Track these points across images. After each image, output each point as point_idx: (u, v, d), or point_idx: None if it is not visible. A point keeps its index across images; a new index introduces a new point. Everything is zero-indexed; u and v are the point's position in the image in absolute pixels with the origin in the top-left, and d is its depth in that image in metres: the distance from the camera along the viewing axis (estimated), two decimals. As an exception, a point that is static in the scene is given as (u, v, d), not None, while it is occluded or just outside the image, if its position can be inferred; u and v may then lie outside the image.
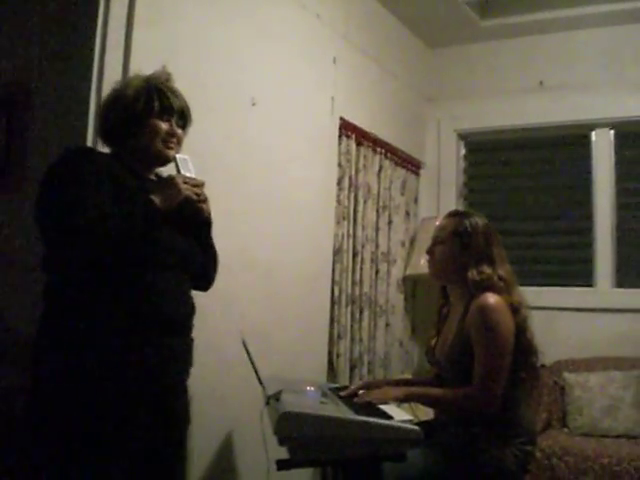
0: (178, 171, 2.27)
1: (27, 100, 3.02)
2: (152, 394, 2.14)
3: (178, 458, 2.33)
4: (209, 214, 2.36)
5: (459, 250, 2.80)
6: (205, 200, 2.31)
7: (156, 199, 2.12)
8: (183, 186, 2.20)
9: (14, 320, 2.79)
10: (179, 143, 2.33)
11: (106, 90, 2.62)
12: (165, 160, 2.31)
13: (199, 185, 2.28)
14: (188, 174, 2.27)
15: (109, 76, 2.75)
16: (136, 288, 2.11)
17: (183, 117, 2.34)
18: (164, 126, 2.27)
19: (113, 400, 2.04)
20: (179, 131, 2.32)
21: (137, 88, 2.26)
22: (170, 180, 2.22)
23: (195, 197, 2.24)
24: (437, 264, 2.87)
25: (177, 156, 2.30)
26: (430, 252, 2.90)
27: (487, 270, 2.73)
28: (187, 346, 2.31)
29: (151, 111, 2.24)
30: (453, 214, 2.94)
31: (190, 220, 2.31)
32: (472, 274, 2.74)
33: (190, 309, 2.32)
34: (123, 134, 2.26)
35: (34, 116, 2.99)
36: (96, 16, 2.81)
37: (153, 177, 2.36)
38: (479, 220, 2.86)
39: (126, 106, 2.23)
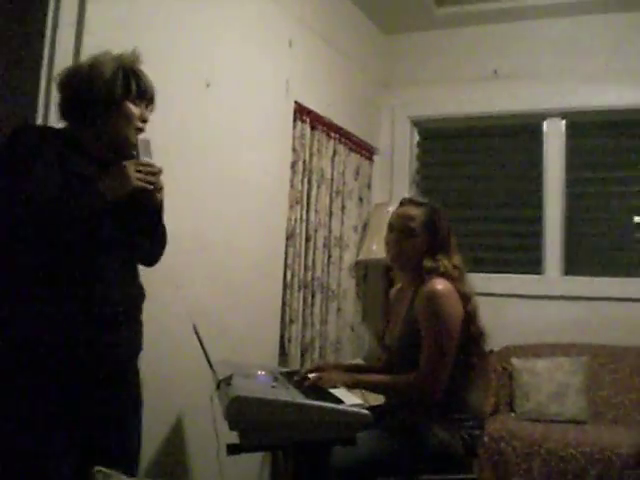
0: (137, 155, 2.18)
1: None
2: (100, 379, 2.13)
3: (133, 441, 2.30)
4: (161, 202, 2.28)
5: (426, 241, 2.82)
6: (160, 189, 2.23)
7: (104, 187, 2.06)
8: (134, 175, 2.12)
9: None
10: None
11: (58, 69, 2.57)
12: (132, 146, 2.22)
13: (155, 173, 2.20)
14: (146, 159, 2.18)
15: (61, 55, 2.70)
16: (81, 276, 2.08)
17: (152, 101, 2.30)
18: (137, 111, 2.21)
19: (60, 386, 2.03)
20: (147, 114, 2.26)
21: (113, 69, 2.16)
22: (122, 168, 2.13)
23: (148, 186, 2.16)
24: (404, 254, 2.86)
25: (138, 138, 2.21)
26: (397, 241, 2.88)
27: (443, 259, 2.77)
28: (135, 331, 2.29)
29: (128, 94, 2.18)
30: (418, 204, 2.92)
31: (140, 207, 2.23)
32: (429, 262, 2.77)
33: (137, 296, 2.30)
34: (90, 114, 2.16)
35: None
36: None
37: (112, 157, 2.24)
38: (442, 210, 2.89)
39: (102, 86, 2.14)
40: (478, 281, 2.88)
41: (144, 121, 2.24)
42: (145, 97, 2.24)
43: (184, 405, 3.36)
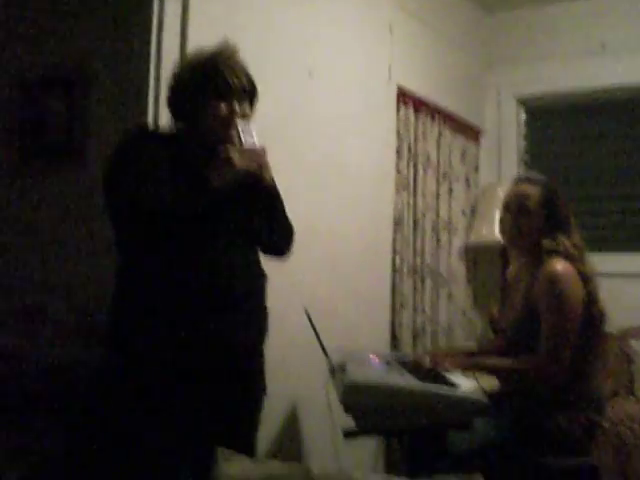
0: (238, 140, 2.19)
1: (87, 80, 3.06)
2: (220, 363, 2.19)
3: (251, 425, 2.38)
4: (271, 182, 2.28)
5: (544, 220, 2.76)
6: (265, 168, 2.22)
7: (211, 178, 2.10)
8: (238, 160, 2.13)
9: (80, 301, 2.85)
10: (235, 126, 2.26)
11: (165, 68, 2.66)
12: (225, 140, 2.22)
13: (259, 154, 2.21)
14: (250, 140, 2.19)
15: (167, 53, 2.78)
16: (198, 263, 2.14)
17: (245, 95, 2.30)
18: (223, 107, 2.22)
19: (180, 371, 2.11)
20: (239, 109, 2.26)
21: (195, 68, 2.24)
22: (224, 156, 2.15)
23: (253, 168, 2.18)
24: (522, 234, 2.80)
25: (237, 122, 2.21)
26: (514, 221, 2.82)
27: (563, 238, 2.70)
28: (255, 314, 2.33)
29: (208, 92, 2.21)
30: (534, 182, 2.86)
31: (253, 190, 2.25)
32: (548, 242, 2.70)
33: (257, 280, 2.34)
34: (185, 114, 2.26)
35: (94, 95, 3.03)
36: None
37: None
38: (559, 189, 2.82)
39: (183, 88, 2.24)
40: (594, 261, 2.80)
41: (232, 117, 2.23)
42: (230, 93, 2.24)
43: (299, 391, 3.40)
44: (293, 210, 3.38)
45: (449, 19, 4.96)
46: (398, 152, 4.29)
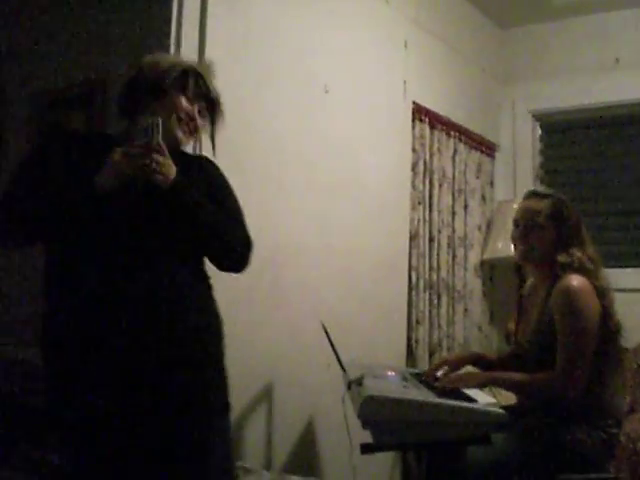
0: (139, 139, 1.96)
1: (104, 96, 3.09)
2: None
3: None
4: (165, 180, 1.98)
5: (555, 234, 2.75)
6: (154, 169, 1.95)
7: (96, 181, 1.94)
8: (121, 162, 1.93)
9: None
10: (194, 132, 2.14)
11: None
12: (174, 141, 2.09)
13: (143, 154, 1.94)
14: (145, 141, 1.95)
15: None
16: (83, 266, 2.01)
17: (211, 109, 2.17)
18: (186, 105, 2.09)
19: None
20: (199, 120, 2.13)
21: (172, 63, 2.12)
22: (109, 159, 1.95)
23: (133, 170, 1.94)
24: (533, 249, 2.78)
25: (145, 119, 1.98)
26: (524, 236, 2.82)
27: (577, 252, 2.69)
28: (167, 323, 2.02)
29: (181, 89, 2.09)
30: (542, 196, 2.84)
31: (152, 191, 1.99)
32: (563, 257, 2.69)
33: (170, 295, 2.04)
34: (140, 106, 2.09)
35: (111, 112, 3.07)
36: (170, 10, 2.86)
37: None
38: (569, 202, 2.82)
39: (155, 75, 2.08)
40: (609, 276, 2.79)
41: (191, 119, 2.12)
42: (201, 98, 2.13)
43: (315, 406, 3.40)
44: (309, 226, 3.41)
45: (464, 35, 4.98)
46: (413, 168, 4.30)
